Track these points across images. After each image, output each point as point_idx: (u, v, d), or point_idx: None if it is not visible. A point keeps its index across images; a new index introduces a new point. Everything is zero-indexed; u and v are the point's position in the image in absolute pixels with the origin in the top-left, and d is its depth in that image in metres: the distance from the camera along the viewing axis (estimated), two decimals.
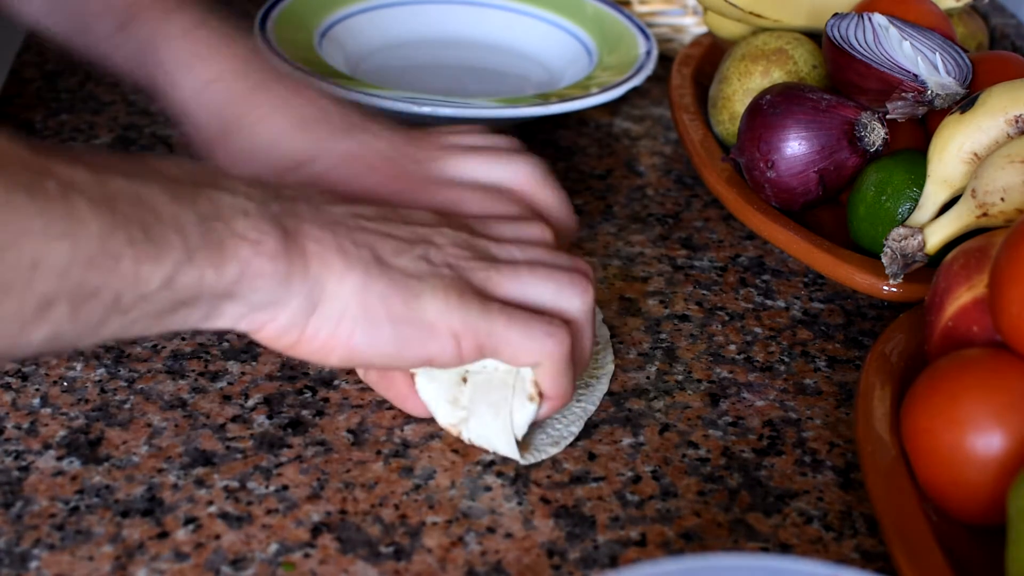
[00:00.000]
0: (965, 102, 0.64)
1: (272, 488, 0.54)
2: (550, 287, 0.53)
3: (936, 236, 0.63)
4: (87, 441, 0.56)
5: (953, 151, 0.63)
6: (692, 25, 0.94)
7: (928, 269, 0.62)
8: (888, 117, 0.69)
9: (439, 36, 0.92)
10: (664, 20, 0.94)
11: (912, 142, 0.71)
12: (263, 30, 0.82)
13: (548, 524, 0.53)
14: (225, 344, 0.62)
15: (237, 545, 0.51)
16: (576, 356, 0.54)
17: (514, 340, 0.51)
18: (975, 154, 0.63)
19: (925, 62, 0.69)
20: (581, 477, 0.55)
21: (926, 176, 0.65)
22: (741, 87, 0.76)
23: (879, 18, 0.71)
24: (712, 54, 0.86)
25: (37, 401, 0.58)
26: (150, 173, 0.45)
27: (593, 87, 0.81)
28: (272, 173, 0.58)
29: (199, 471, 0.54)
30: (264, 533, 0.52)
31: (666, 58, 0.93)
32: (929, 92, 0.67)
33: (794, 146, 0.69)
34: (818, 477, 0.56)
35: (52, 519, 0.52)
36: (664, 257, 0.72)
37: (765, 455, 0.58)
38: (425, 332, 0.50)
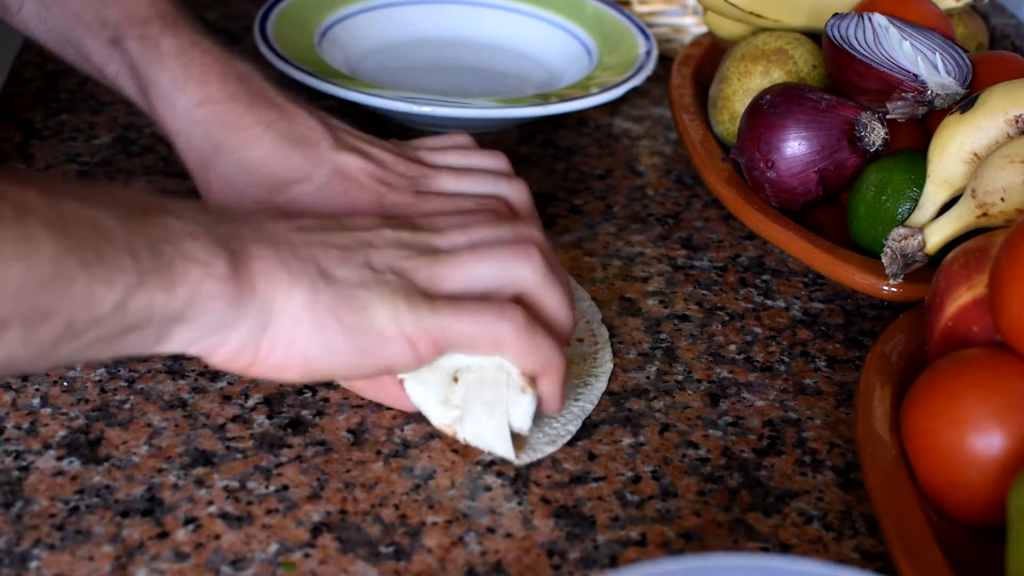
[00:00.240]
0: (965, 102, 0.64)
1: (272, 488, 0.54)
2: (494, 264, 0.54)
3: (936, 236, 0.63)
4: (87, 441, 0.56)
5: (953, 151, 0.63)
6: (692, 25, 0.94)
7: (928, 269, 0.62)
8: (888, 117, 0.69)
9: (439, 36, 0.92)
10: (664, 20, 0.95)
11: (912, 142, 0.71)
12: (263, 30, 0.82)
13: (548, 524, 0.53)
14: None
15: (237, 545, 0.51)
16: (548, 319, 0.54)
17: (467, 331, 0.52)
18: (975, 154, 0.63)
19: (925, 62, 0.69)
20: (581, 477, 0.55)
21: (926, 176, 0.64)
22: (741, 87, 0.76)
23: (879, 18, 0.71)
24: (712, 54, 0.86)
25: (37, 401, 0.58)
26: (101, 197, 0.46)
27: (593, 87, 0.81)
28: (264, 192, 0.59)
29: (199, 471, 0.54)
30: (264, 533, 0.52)
31: (666, 58, 0.93)
32: (929, 92, 0.67)
33: (794, 146, 0.69)
34: (818, 477, 0.56)
35: (52, 519, 0.52)
36: (664, 257, 0.72)
37: (765, 455, 0.58)
38: (378, 340, 0.51)
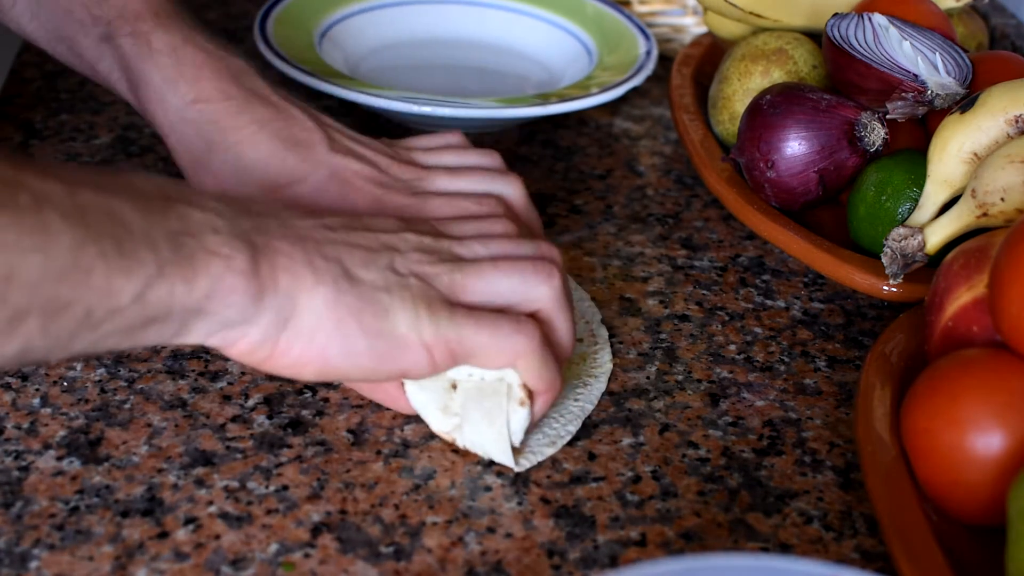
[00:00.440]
0: (965, 102, 0.64)
1: (272, 488, 0.54)
2: (515, 279, 0.54)
3: (936, 236, 0.63)
4: (87, 441, 0.56)
5: (953, 151, 0.63)
6: (692, 25, 0.94)
7: (928, 269, 0.62)
8: (888, 117, 0.69)
9: (439, 36, 0.92)
10: (664, 20, 0.95)
11: (912, 142, 0.71)
12: (263, 30, 0.82)
13: (548, 524, 0.53)
14: None
15: (237, 545, 0.51)
16: (555, 341, 0.54)
17: (484, 343, 0.52)
18: (975, 154, 0.63)
19: (925, 62, 0.69)
20: (581, 477, 0.55)
21: (926, 176, 0.64)
22: (741, 87, 0.76)
23: (879, 18, 0.71)
24: (712, 54, 0.86)
25: (37, 401, 0.58)
26: (121, 187, 0.45)
27: (593, 87, 0.81)
28: (259, 192, 0.59)
29: (199, 471, 0.54)
30: (264, 533, 0.52)
31: (666, 58, 0.93)
32: (929, 92, 0.67)
33: (794, 146, 0.69)
34: (818, 477, 0.56)
35: (52, 519, 0.52)
36: (664, 257, 0.72)
37: (765, 455, 0.58)
38: (398, 346, 0.51)
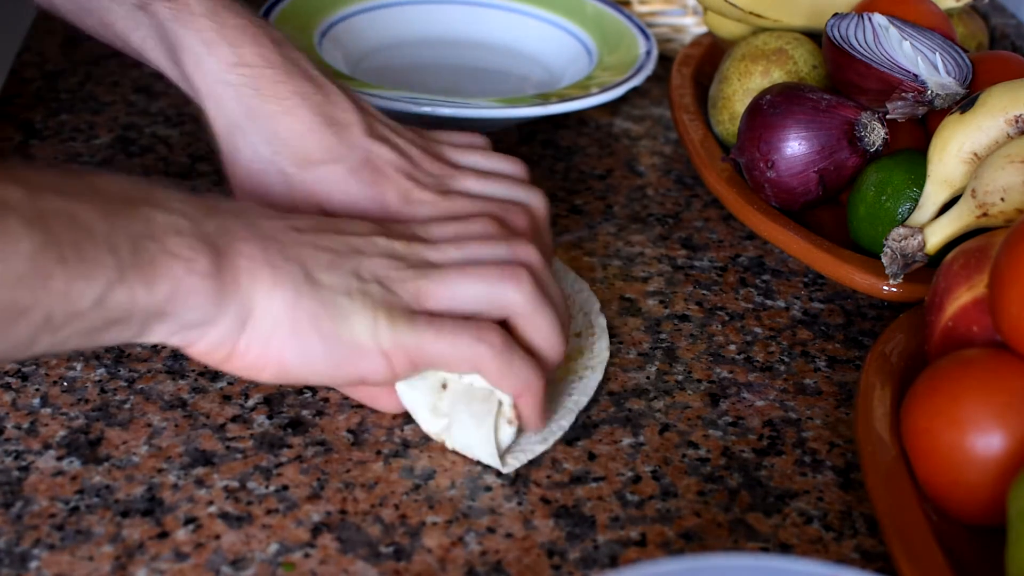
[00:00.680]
0: (965, 102, 0.64)
1: (272, 488, 0.54)
2: (480, 286, 0.53)
3: (936, 236, 0.63)
4: (87, 441, 0.56)
5: (953, 151, 0.63)
6: (692, 25, 0.94)
7: (928, 269, 0.62)
8: (888, 117, 0.69)
9: (439, 36, 0.92)
10: (664, 20, 0.94)
11: (912, 142, 0.71)
12: None
13: (548, 524, 0.53)
14: None
15: (237, 545, 0.51)
16: (536, 343, 0.54)
17: (444, 352, 0.52)
18: (975, 154, 0.63)
19: (925, 62, 0.69)
20: (581, 477, 0.55)
21: (926, 176, 0.64)
22: (741, 87, 0.76)
23: (879, 18, 0.71)
24: (712, 54, 0.86)
25: (37, 401, 0.58)
26: (85, 190, 0.45)
27: (593, 87, 0.81)
28: (292, 165, 0.58)
29: (199, 471, 0.54)
30: (264, 533, 0.52)
31: (666, 58, 0.93)
32: (929, 92, 0.67)
33: (794, 146, 0.69)
34: (818, 477, 0.56)
35: (52, 519, 0.52)
36: (664, 257, 0.72)
37: (765, 455, 0.58)
38: (355, 352, 0.50)
